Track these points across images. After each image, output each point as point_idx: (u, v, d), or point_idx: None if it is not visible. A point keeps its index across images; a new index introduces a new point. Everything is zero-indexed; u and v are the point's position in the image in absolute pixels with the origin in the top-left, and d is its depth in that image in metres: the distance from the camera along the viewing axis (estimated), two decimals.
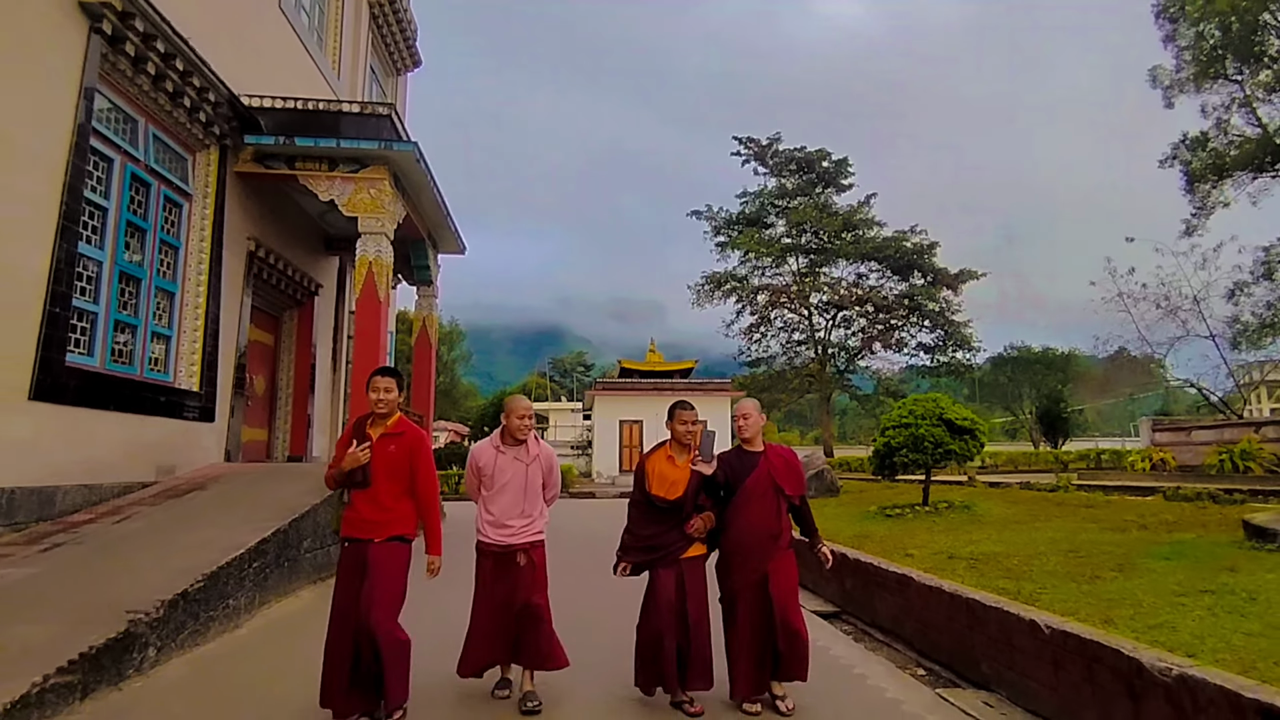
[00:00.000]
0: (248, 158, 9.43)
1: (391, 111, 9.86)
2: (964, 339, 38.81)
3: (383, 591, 3.51)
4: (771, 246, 40.25)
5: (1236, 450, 14.01)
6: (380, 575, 3.53)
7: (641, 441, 31.45)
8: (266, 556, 5.96)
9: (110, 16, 6.75)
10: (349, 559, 3.63)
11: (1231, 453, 14.02)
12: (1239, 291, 21.05)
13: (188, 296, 8.76)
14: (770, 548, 3.85)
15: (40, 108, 6.16)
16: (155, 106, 7.88)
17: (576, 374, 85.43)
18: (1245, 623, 3.48)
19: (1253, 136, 19.06)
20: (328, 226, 12.63)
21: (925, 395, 9.80)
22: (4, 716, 3.19)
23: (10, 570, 4.89)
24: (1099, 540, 5.97)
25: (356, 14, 14.73)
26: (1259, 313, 21.06)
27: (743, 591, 3.83)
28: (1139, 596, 4.10)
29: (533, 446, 4.16)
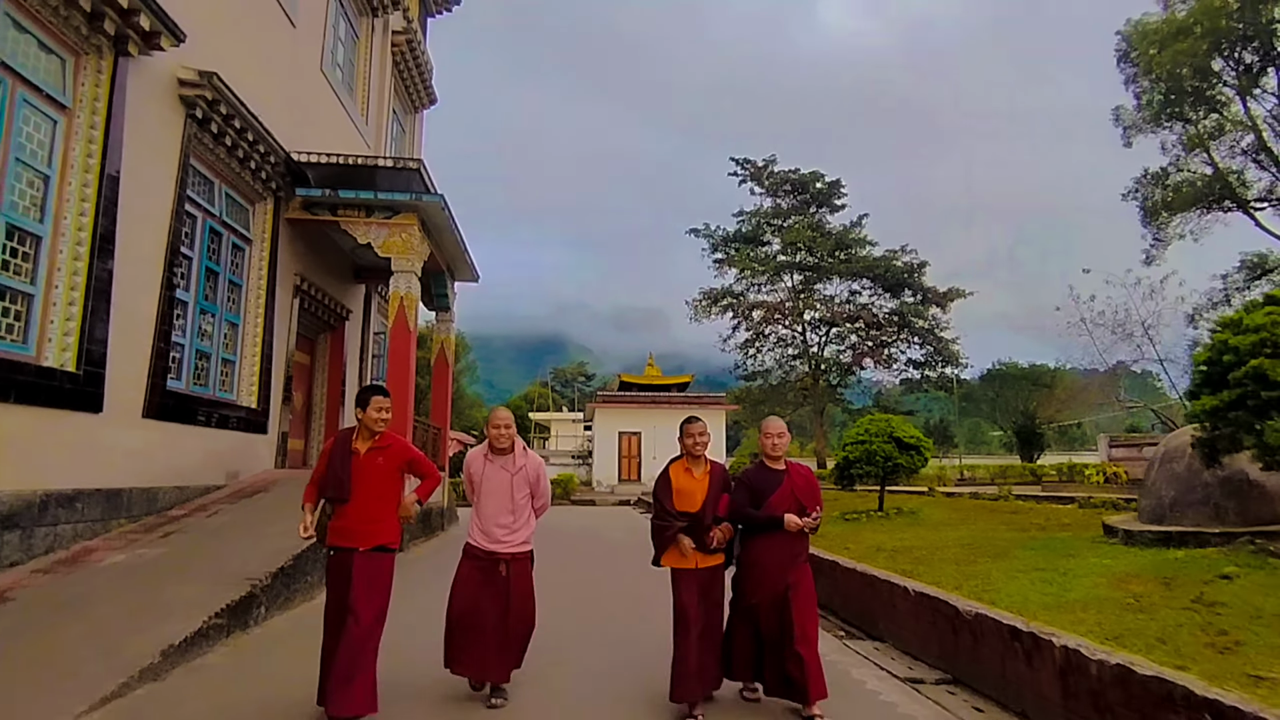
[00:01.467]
0: (297, 206, 10.96)
1: (420, 165, 11.39)
2: (952, 355, 40.31)
3: (365, 606, 3.71)
4: (766, 264, 41.79)
5: None
6: (364, 589, 3.73)
7: (640, 452, 32.92)
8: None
9: (202, 104, 8.29)
10: (335, 566, 3.83)
11: None
12: (1198, 316, 22.53)
13: (248, 327, 10.27)
14: (790, 563, 4.03)
15: (154, 181, 7.69)
16: (228, 170, 9.40)
17: (578, 384, 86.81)
18: (1047, 588, 4.96)
19: (1205, 175, 20.64)
20: (357, 259, 14.12)
21: (880, 416, 11.30)
22: (187, 642, 4.67)
23: (146, 550, 6.38)
24: (998, 537, 7.45)
25: (381, 63, 16.31)
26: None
27: (763, 605, 4.00)
28: (992, 574, 5.59)
29: (519, 457, 4.30)
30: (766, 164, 43.61)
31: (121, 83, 6.99)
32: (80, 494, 6.54)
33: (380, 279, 14.86)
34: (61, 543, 6.29)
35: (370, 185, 11.06)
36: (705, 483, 4.08)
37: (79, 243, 6.60)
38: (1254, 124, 19.39)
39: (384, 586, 3.87)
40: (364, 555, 3.79)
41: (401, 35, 16.93)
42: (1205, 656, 3.33)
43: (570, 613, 6.34)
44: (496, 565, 4.12)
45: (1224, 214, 20.70)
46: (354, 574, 3.73)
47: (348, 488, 3.84)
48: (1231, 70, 19.17)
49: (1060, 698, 3.56)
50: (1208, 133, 19.65)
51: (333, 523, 3.89)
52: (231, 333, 9.95)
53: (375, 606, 3.78)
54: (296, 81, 11.62)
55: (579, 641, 5.53)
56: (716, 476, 4.15)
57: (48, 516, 6.15)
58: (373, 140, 15.71)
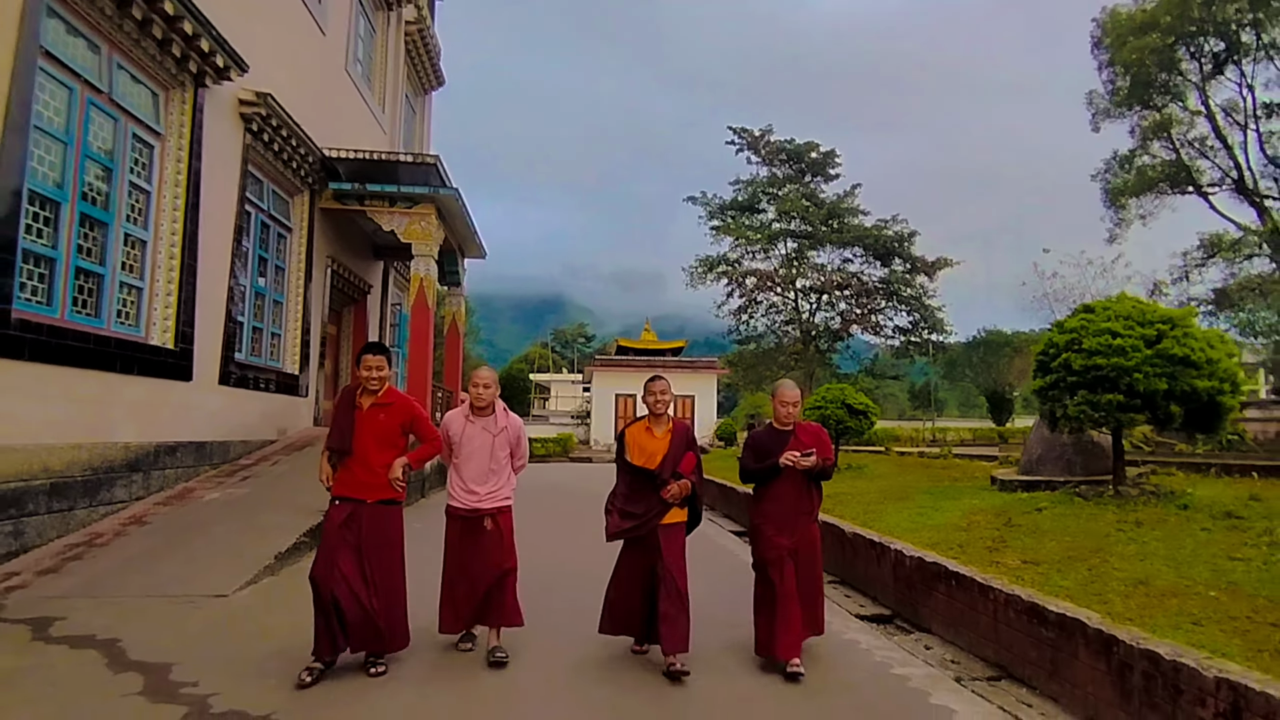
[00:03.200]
0: (329, 197, 12.48)
1: (437, 160, 12.87)
2: (937, 322, 41.92)
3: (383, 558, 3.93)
4: (762, 232, 43.08)
5: None
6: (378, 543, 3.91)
7: (635, 413, 34.77)
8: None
9: (258, 119, 9.78)
10: (339, 513, 3.90)
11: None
12: (1157, 291, 24.08)
13: (290, 304, 11.90)
14: (799, 521, 4.20)
15: (223, 187, 9.24)
16: (274, 170, 10.91)
17: (578, 345, 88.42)
18: (918, 518, 6.71)
19: (1166, 160, 21.99)
20: (376, 239, 15.64)
21: (836, 385, 12.99)
22: (287, 552, 6.44)
23: (233, 490, 8.14)
24: (912, 485, 9.19)
25: (395, 53, 17.58)
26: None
27: (774, 561, 4.13)
28: (888, 511, 7.34)
29: (501, 418, 4.35)
30: (763, 134, 44.57)
31: (200, 109, 8.51)
32: (179, 445, 8.27)
33: (396, 256, 16.42)
34: (169, 483, 8.04)
35: (393, 178, 12.57)
36: (666, 441, 4.19)
37: (173, 244, 8.21)
38: (1211, 113, 20.68)
39: (397, 538, 4.03)
40: (372, 508, 3.93)
41: (414, 25, 18.16)
42: (978, 554, 5.08)
43: (564, 548, 8.10)
44: (481, 521, 4.19)
45: (1181, 197, 22.11)
46: (364, 526, 3.87)
47: (349, 440, 3.94)
48: (1194, 63, 20.39)
49: (892, 582, 5.33)
50: (1170, 120, 20.94)
51: (339, 473, 3.99)
52: (277, 310, 11.58)
53: (393, 562, 3.99)
54: (326, 83, 13.04)
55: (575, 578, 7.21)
56: (678, 435, 4.24)
57: (159, 462, 7.88)
58: (388, 126, 17.09)
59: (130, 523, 6.87)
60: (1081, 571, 4.39)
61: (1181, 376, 5.73)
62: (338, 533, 3.84)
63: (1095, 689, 3.32)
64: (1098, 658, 3.29)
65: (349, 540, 3.84)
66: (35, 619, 4.59)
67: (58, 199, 6.62)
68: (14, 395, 5.91)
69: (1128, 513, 5.60)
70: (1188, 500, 5.81)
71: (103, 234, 7.30)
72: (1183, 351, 5.76)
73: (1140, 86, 20.74)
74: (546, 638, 4.58)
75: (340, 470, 4.00)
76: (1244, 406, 17.74)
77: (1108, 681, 3.23)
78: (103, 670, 3.76)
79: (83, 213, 6.96)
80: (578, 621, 4.74)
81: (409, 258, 13.18)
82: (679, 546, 4.16)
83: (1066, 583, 4.24)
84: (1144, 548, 4.69)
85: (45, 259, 6.52)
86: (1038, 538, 5.37)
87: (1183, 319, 6.11)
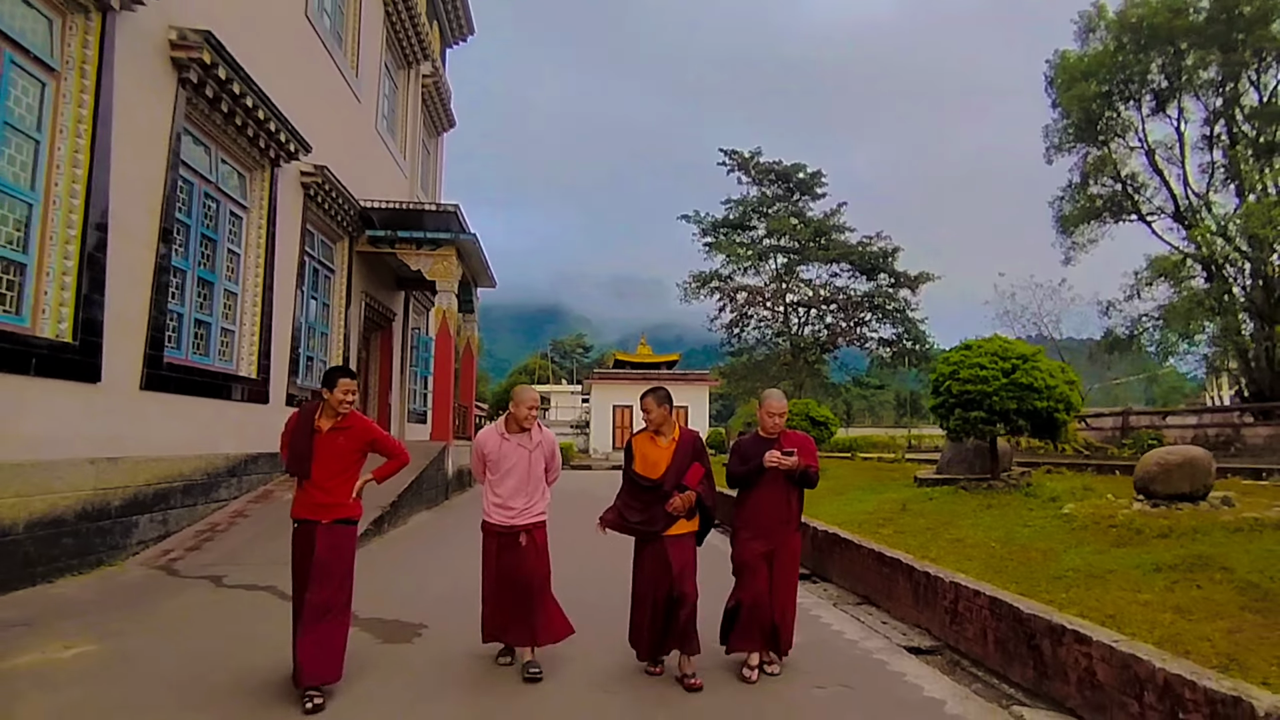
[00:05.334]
0: (364, 242, 14.53)
1: (457, 209, 14.93)
2: (920, 335, 44.02)
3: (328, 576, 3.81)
4: (752, 248, 45.25)
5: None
6: (326, 560, 3.82)
7: (631, 424, 36.76)
8: (412, 491, 11.22)
9: (315, 185, 11.84)
10: (300, 539, 3.90)
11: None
12: (1112, 308, 26.14)
13: (333, 335, 13.93)
14: (780, 530, 4.24)
15: (288, 244, 11.28)
16: (324, 224, 12.97)
17: (576, 355, 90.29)
18: (845, 508, 8.72)
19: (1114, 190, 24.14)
20: (400, 272, 17.71)
21: (802, 400, 15.04)
22: (361, 536, 8.45)
23: None
24: (855, 483, 11.21)
25: (414, 104, 19.69)
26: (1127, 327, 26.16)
27: (750, 564, 4.21)
28: (824, 503, 9.34)
29: (535, 433, 4.39)
30: (753, 155, 46.79)
31: (275, 184, 10.57)
32: (260, 455, 10.27)
33: (416, 287, 18.47)
34: (254, 485, 10.05)
35: (419, 225, 14.65)
36: (670, 450, 4.16)
37: (255, 294, 10.24)
38: (1149, 149, 22.86)
39: (348, 557, 3.98)
40: (326, 528, 3.87)
41: (429, 78, 20.29)
42: (870, 529, 7.11)
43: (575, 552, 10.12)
44: (517, 536, 4.25)
45: (1128, 224, 24.24)
46: (317, 546, 3.82)
47: (308, 465, 3.91)
48: (1134, 104, 22.58)
49: (812, 550, 7.35)
50: (1110, 159, 23.10)
51: (297, 494, 3.98)
52: (323, 340, 13.62)
53: (338, 576, 3.89)
54: (361, 144, 15.13)
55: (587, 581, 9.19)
56: (684, 445, 4.20)
57: (248, 469, 9.89)
58: (408, 171, 19.19)
59: (235, 516, 8.88)
60: (927, 536, 6.44)
61: (1027, 399, 7.79)
62: (300, 557, 3.89)
63: (904, 600, 5.35)
64: (907, 581, 5.33)
65: (308, 564, 3.84)
66: (207, 576, 6.61)
67: (184, 268, 8.68)
68: (163, 419, 7.94)
69: (989, 499, 7.64)
70: (1034, 490, 7.84)
71: (209, 291, 9.35)
72: (1028, 380, 7.81)
73: (1086, 125, 22.90)
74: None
75: (298, 492, 4.00)
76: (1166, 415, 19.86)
77: (910, 594, 5.26)
78: (277, 601, 5.75)
79: (199, 276, 9.02)
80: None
81: (427, 287, 15.25)
82: (689, 558, 4.12)
83: (914, 543, 6.28)
84: (979, 521, 6.73)
85: (178, 315, 8.57)
86: (914, 517, 7.42)
87: (1033, 355, 8.17)
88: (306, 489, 3.95)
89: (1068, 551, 5.21)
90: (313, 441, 3.95)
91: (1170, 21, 19.08)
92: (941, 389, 8.36)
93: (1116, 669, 3.30)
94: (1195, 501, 5.94)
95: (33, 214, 6.26)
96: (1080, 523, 5.94)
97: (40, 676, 4.04)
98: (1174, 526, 5.33)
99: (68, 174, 6.49)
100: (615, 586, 5.17)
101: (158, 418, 7.84)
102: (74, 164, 6.53)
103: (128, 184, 7.18)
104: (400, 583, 6.77)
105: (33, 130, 6.26)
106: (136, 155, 7.34)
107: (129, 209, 7.23)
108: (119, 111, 6.96)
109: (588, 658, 4.48)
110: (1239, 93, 21.17)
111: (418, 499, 11.64)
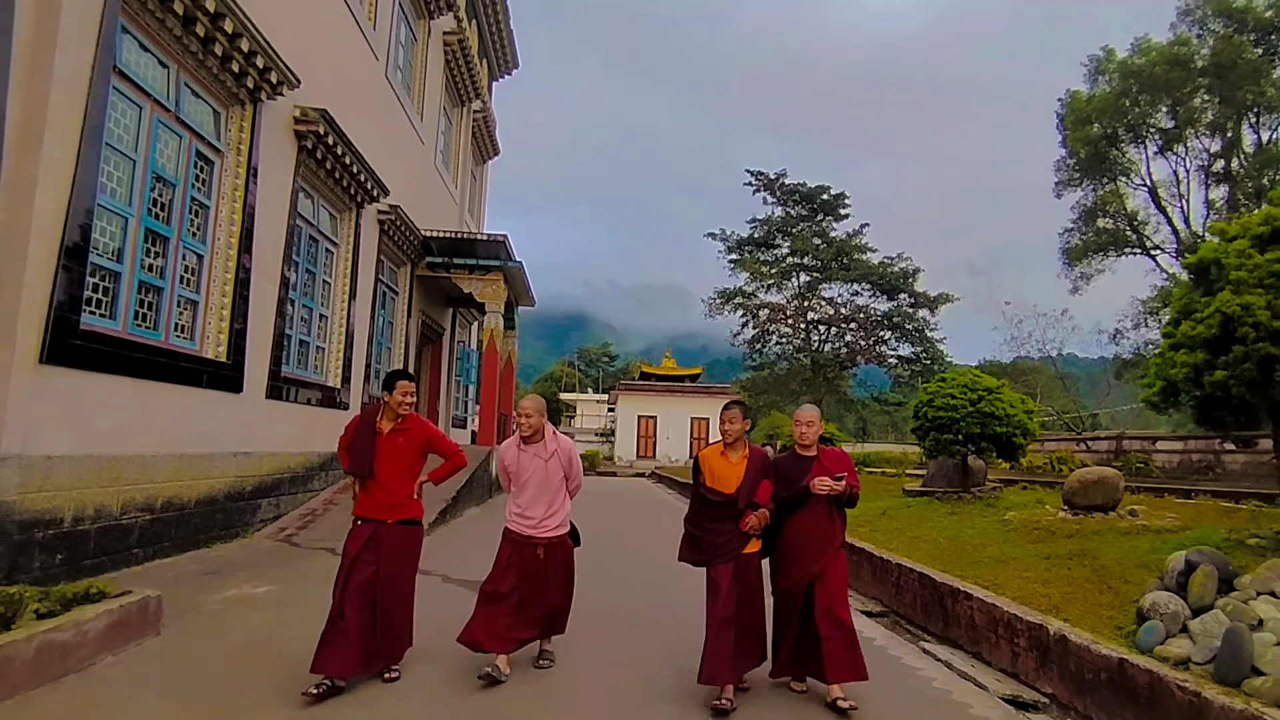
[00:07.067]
0: (423, 267, 16.41)
1: (505, 239, 16.77)
2: (938, 354, 45.15)
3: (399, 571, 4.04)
4: (776, 266, 46.80)
5: (1054, 456, 20.51)
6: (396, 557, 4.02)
7: (655, 433, 38.43)
8: (466, 488, 12.99)
9: (389, 221, 13.72)
10: (361, 532, 4.03)
11: (1051, 459, 20.51)
12: (1120, 335, 27.31)
13: (395, 349, 15.80)
14: (822, 549, 4.10)
15: (367, 272, 13.15)
16: (392, 253, 14.85)
17: (601, 364, 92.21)
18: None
19: (1119, 225, 25.37)
20: (450, 292, 19.61)
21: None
22: (436, 519, 10.21)
23: None
24: None
25: (465, 139, 21.65)
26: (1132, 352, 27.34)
27: (794, 589, 4.10)
28: None
29: (550, 442, 4.41)
30: (778, 176, 48.28)
31: (359, 226, 12.45)
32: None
33: (463, 305, 20.35)
34: (337, 479, 11.87)
35: (471, 253, 16.50)
36: (742, 467, 4.13)
37: (342, 319, 12.11)
38: (1153, 187, 24.09)
39: (415, 555, 4.13)
40: (392, 527, 4.03)
41: (479, 113, 22.26)
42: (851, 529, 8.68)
43: (605, 545, 11.78)
44: (535, 549, 4.30)
45: (1132, 257, 25.45)
46: (383, 545, 3.97)
47: (371, 465, 4.05)
48: (1137, 146, 23.86)
49: None
50: (1115, 195, 24.38)
51: (361, 496, 4.12)
52: (388, 354, 15.51)
53: (407, 573, 4.07)
54: (423, 180, 17.07)
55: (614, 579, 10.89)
56: (755, 462, 4.16)
57: (333, 465, 11.71)
58: (458, 197, 21.14)
59: (326, 503, 10.70)
60: (893, 534, 8.02)
61: (989, 425, 9.32)
62: (357, 553, 3.99)
63: (866, 579, 6.95)
64: (869, 565, 6.93)
65: (367, 560, 3.97)
66: (322, 549, 8.38)
67: (294, 298, 10.54)
68: (278, 422, 9.78)
69: (954, 508, 9.18)
70: (995, 502, 9.36)
71: (309, 315, 11.22)
72: (991, 409, 9.34)
73: (1092, 163, 24.22)
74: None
75: (361, 492, 4.15)
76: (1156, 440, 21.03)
77: (870, 574, 6.86)
78: None
79: (303, 304, 10.89)
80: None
81: (472, 305, 17.06)
82: (756, 577, 4.13)
83: (882, 539, 7.86)
84: (938, 524, 8.29)
85: (287, 336, 10.44)
86: (889, 520, 8.99)
87: (998, 388, 9.70)
88: (371, 489, 4.10)
89: (992, 545, 6.77)
90: (375, 443, 4.13)
91: (1168, 74, 20.40)
92: (919, 414, 9.92)
93: (985, 615, 4.90)
94: (1106, 512, 7.44)
95: (202, 262, 8.13)
96: (1013, 526, 7.48)
97: (245, 602, 5.82)
98: (1080, 529, 6.85)
99: (226, 229, 8.37)
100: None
101: (275, 421, 9.69)
102: (231, 221, 8.42)
103: (265, 234, 9.05)
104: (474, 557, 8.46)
105: (205, 198, 8.14)
106: (270, 211, 9.21)
107: (265, 254, 9.10)
108: (262, 178, 8.84)
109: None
110: (1239, 137, 22.36)
111: (470, 496, 13.41)
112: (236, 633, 4.99)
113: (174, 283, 7.59)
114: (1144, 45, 21.85)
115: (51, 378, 5.58)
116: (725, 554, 4.05)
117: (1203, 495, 9.45)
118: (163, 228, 7.36)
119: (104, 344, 6.25)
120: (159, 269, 7.38)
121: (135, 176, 6.87)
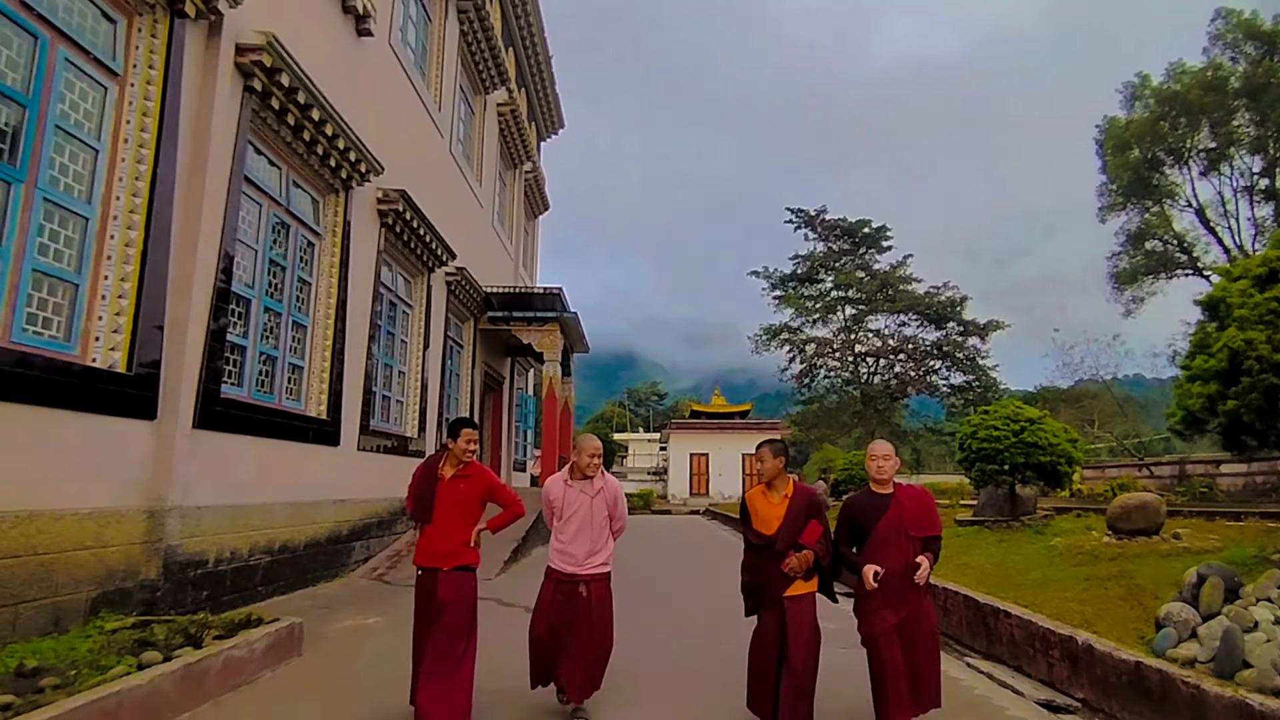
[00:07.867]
0: (485, 321, 17.55)
1: (560, 291, 17.81)
2: (991, 382, 44.57)
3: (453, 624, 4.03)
4: (820, 300, 47.19)
5: (1116, 484, 20.26)
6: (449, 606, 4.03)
7: (708, 470, 38.81)
8: (534, 529, 13.77)
9: (455, 282, 14.87)
10: (422, 585, 4.17)
11: (1114, 485, 20.27)
12: (1177, 355, 26.82)
13: (461, 399, 16.86)
14: (906, 591, 3.91)
15: (437, 329, 14.26)
16: (458, 310, 15.99)
17: (651, 403, 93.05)
18: None
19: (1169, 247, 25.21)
20: (508, 342, 20.73)
21: (855, 452, 16.94)
22: (508, 559, 10.99)
23: None
24: None
25: (518, 197, 23.03)
26: None
27: (882, 636, 3.87)
28: None
29: (597, 480, 4.46)
30: (818, 213, 48.97)
31: (430, 289, 13.60)
32: None
33: (520, 354, 21.45)
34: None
35: (529, 306, 17.59)
36: (783, 508, 4.03)
37: (418, 374, 13.18)
38: (1201, 208, 23.99)
39: (470, 603, 4.12)
40: (447, 575, 4.08)
41: (530, 174, 23.66)
42: None
43: (657, 586, 12.38)
44: (577, 586, 4.31)
45: (1184, 278, 25.20)
46: (439, 592, 4.01)
47: (430, 510, 4.13)
48: (1179, 167, 23.89)
49: None
50: (1160, 218, 24.33)
51: (420, 542, 4.22)
52: (455, 404, 16.57)
53: (463, 624, 4.06)
54: (483, 241, 18.33)
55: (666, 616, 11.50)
56: (798, 502, 4.06)
57: None
58: (513, 252, 22.42)
59: (410, 545, 11.60)
60: (942, 562, 8.41)
61: (1033, 455, 9.71)
62: (423, 605, 4.17)
63: None
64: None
65: (431, 610, 4.08)
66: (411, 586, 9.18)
67: (379, 358, 11.63)
68: (367, 472, 10.77)
69: (1003, 536, 9.55)
70: (1044, 529, 9.69)
71: (390, 372, 12.31)
72: (1034, 439, 9.75)
73: (1135, 187, 24.29)
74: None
75: (420, 539, 4.25)
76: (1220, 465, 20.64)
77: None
78: None
79: (384, 363, 11.99)
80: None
81: (530, 354, 18.06)
82: (807, 620, 3.95)
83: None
84: (987, 551, 8.70)
85: (373, 392, 11.51)
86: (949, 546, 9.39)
87: (1040, 418, 10.09)
88: (428, 535, 4.18)
89: (1035, 570, 7.20)
90: (435, 488, 4.18)
91: (1203, 98, 20.56)
92: (964, 446, 10.36)
93: (1024, 630, 5.40)
94: (1149, 535, 7.78)
95: (305, 331, 9.23)
96: (1058, 552, 7.87)
97: (361, 631, 6.66)
98: (1122, 553, 7.24)
99: (325, 301, 9.49)
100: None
101: (364, 470, 10.69)
102: (328, 294, 9.54)
103: (355, 303, 10.17)
104: None
105: (308, 275, 9.29)
106: (358, 282, 10.33)
107: (355, 320, 10.20)
108: (352, 254, 9.98)
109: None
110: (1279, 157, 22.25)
111: (536, 536, 14.20)
112: (363, 654, 5.81)
113: (285, 352, 8.69)
114: (1178, 70, 22.06)
115: (201, 440, 6.61)
116: (768, 596, 4.00)
117: (1253, 517, 9.61)
118: (276, 304, 8.49)
119: (236, 409, 7.30)
120: (273, 340, 8.49)
121: (257, 263, 8.02)
